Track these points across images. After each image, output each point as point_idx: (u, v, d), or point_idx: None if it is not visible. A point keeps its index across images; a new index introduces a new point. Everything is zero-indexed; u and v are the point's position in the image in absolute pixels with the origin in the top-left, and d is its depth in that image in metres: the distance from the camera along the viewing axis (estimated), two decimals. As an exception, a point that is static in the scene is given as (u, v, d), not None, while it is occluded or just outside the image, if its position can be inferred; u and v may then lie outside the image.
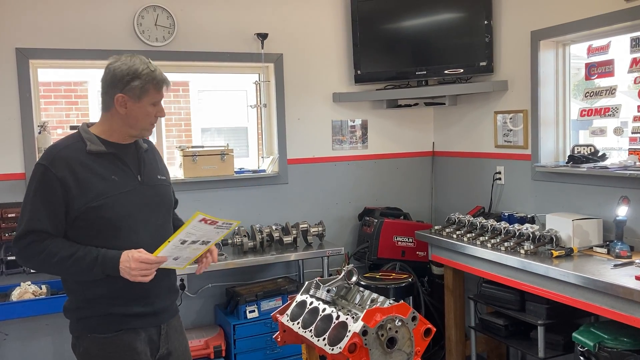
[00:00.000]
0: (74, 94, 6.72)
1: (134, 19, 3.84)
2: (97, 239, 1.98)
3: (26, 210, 1.96)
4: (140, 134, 2.12)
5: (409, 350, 2.30)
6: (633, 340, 2.68)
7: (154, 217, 2.13)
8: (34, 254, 1.94)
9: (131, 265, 1.93)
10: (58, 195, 1.94)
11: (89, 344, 2.05)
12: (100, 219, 1.98)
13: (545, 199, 3.72)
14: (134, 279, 1.94)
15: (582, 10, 3.36)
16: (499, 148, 4.10)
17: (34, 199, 1.96)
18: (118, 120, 2.04)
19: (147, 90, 2.01)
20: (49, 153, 2.01)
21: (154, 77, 2.02)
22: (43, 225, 1.94)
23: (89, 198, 1.96)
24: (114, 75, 2.00)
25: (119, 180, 2.04)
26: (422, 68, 4.27)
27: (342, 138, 4.57)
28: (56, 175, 1.94)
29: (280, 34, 4.25)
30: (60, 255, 1.93)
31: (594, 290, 2.69)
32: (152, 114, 2.07)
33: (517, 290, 3.27)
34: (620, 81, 3.38)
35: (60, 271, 2.00)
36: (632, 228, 3.14)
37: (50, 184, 1.95)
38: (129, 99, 2.00)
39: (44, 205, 1.94)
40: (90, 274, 1.96)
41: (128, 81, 1.99)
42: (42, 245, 1.93)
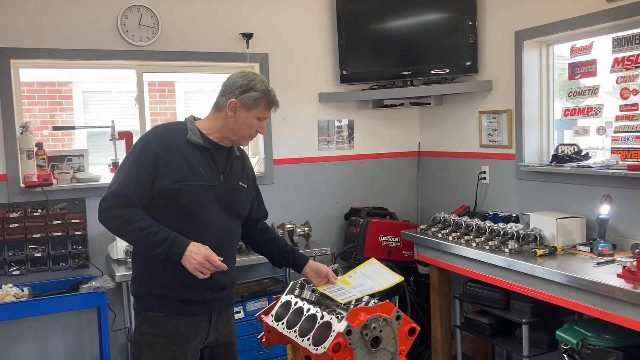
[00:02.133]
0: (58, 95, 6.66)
1: (118, 19, 3.81)
2: (170, 220, 2.13)
3: (120, 175, 2.14)
4: (237, 141, 2.29)
5: (394, 350, 2.30)
6: (615, 338, 2.71)
7: (224, 217, 2.27)
8: (115, 216, 2.09)
9: (198, 258, 2.07)
10: (149, 168, 2.12)
11: (142, 320, 2.22)
12: (177, 202, 2.14)
13: (530, 198, 3.75)
14: (192, 269, 2.08)
15: (565, 11, 3.39)
16: (484, 148, 4.12)
17: (129, 166, 2.14)
18: (223, 122, 2.23)
19: (258, 103, 2.21)
20: (153, 130, 2.23)
21: (268, 95, 2.23)
22: (130, 191, 2.10)
23: (173, 179, 2.13)
24: (234, 82, 2.22)
25: (204, 173, 2.19)
26: (408, 68, 4.28)
27: (329, 138, 4.57)
28: (154, 150, 2.13)
29: (266, 34, 4.24)
30: (137, 225, 2.07)
31: (577, 289, 2.71)
32: (255, 127, 2.25)
33: (502, 289, 3.29)
34: (604, 81, 3.41)
35: (131, 239, 2.16)
36: (614, 226, 3.17)
37: (146, 156, 2.13)
38: (240, 106, 2.20)
39: (135, 174, 2.12)
40: (155, 250, 2.09)
41: (245, 90, 2.20)
42: (125, 211, 2.08)
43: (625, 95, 3.22)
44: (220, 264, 2.11)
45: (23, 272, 3.58)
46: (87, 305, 3.56)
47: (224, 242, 2.25)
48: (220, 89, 2.27)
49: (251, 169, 2.49)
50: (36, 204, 3.66)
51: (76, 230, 3.72)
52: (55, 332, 3.82)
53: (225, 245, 2.27)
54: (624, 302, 2.49)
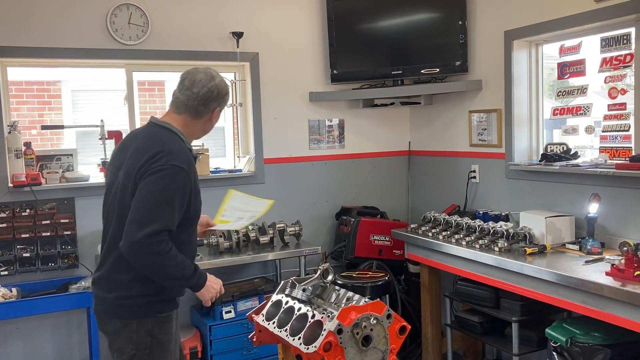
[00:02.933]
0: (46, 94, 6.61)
1: (107, 17, 3.79)
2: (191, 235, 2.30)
3: (166, 208, 2.07)
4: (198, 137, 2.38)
5: (384, 348, 2.31)
6: (603, 335, 2.73)
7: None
8: (161, 251, 2.05)
9: (217, 287, 2.32)
10: (186, 197, 2.15)
11: (151, 325, 2.23)
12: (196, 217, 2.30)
13: (519, 196, 3.77)
14: (209, 297, 2.29)
15: (553, 11, 3.41)
16: (474, 147, 4.14)
17: (173, 200, 2.09)
18: (200, 127, 2.30)
19: (226, 102, 2.34)
20: (184, 156, 2.16)
21: (229, 93, 2.36)
22: (173, 226, 2.10)
23: (199, 199, 2.26)
24: (219, 91, 2.26)
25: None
26: (398, 68, 4.29)
27: (319, 137, 4.57)
28: (191, 180, 2.16)
29: (256, 33, 4.23)
30: (176, 262, 2.11)
31: (566, 287, 2.73)
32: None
33: (492, 288, 3.30)
34: (592, 81, 3.44)
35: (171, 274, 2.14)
36: (602, 225, 3.19)
37: (186, 188, 2.13)
38: (219, 111, 2.31)
39: (178, 207, 2.11)
40: (186, 282, 2.20)
41: (224, 94, 2.29)
42: (169, 246, 2.08)
43: (614, 94, 3.24)
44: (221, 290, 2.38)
45: (11, 273, 3.55)
46: (76, 306, 3.54)
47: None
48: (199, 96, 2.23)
49: None
50: (25, 204, 3.64)
51: (65, 230, 3.70)
52: (44, 332, 3.79)
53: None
54: (613, 299, 2.51)
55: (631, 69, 3.14)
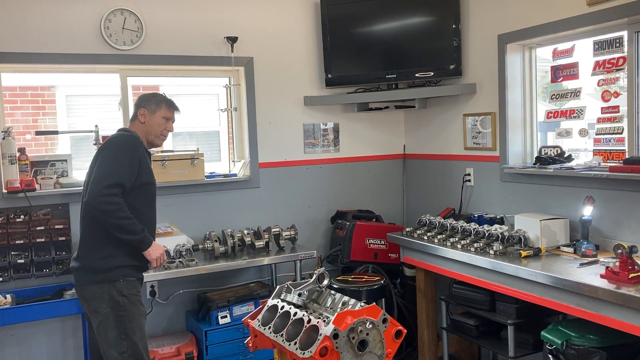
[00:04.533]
0: (41, 99, 6.59)
1: (101, 23, 3.78)
2: (143, 207, 2.83)
3: (115, 167, 2.70)
4: (152, 141, 2.98)
5: (380, 353, 2.31)
6: (599, 338, 2.73)
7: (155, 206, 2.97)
8: (113, 202, 2.64)
9: (161, 250, 2.83)
10: (136, 166, 2.74)
11: (122, 286, 2.73)
12: (150, 193, 2.87)
13: (514, 199, 3.78)
14: (155, 257, 2.80)
15: (547, 14, 3.43)
16: (468, 150, 4.15)
17: (122, 160, 2.72)
18: (141, 128, 2.94)
19: (160, 106, 2.95)
20: (133, 140, 2.83)
21: (166, 99, 3.01)
22: (125, 181, 2.69)
23: (148, 175, 2.84)
24: (141, 98, 3.00)
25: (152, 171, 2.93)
26: (392, 71, 4.30)
27: (314, 141, 4.57)
28: (138, 150, 2.79)
29: (250, 38, 4.24)
30: (125, 214, 2.67)
31: (561, 289, 2.73)
32: (163, 126, 2.97)
33: (487, 291, 3.31)
34: (585, 84, 3.45)
35: (119, 224, 2.67)
36: (597, 227, 3.21)
37: (133, 155, 2.76)
38: (147, 112, 2.93)
39: (128, 168, 2.71)
40: (132, 236, 2.71)
41: (148, 99, 2.98)
42: (120, 200, 2.66)
43: (607, 97, 3.26)
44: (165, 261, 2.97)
45: (6, 279, 3.53)
46: (71, 312, 3.52)
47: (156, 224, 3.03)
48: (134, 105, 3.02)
49: None
50: (19, 210, 3.62)
51: (60, 236, 3.68)
52: (39, 339, 3.77)
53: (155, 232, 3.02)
54: (608, 302, 2.52)
55: (624, 72, 3.16)
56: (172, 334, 3.99)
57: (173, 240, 3.69)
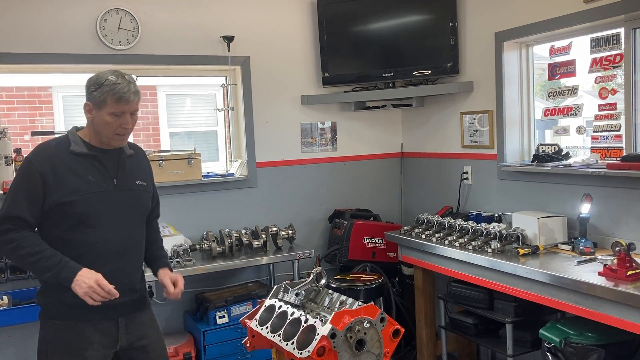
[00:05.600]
0: (37, 100, 6.59)
1: (97, 22, 3.77)
2: (67, 232, 2.18)
3: (8, 198, 2.17)
4: (107, 142, 2.25)
5: (378, 352, 2.30)
6: (597, 335, 2.73)
7: (124, 218, 2.29)
8: (6, 241, 2.13)
9: (88, 282, 2.09)
10: (37, 187, 2.14)
11: (47, 329, 2.25)
12: (70, 214, 2.17)
13: (512, 197, 3.77)
14: (82, 294, 2.08)
15: (543, 12, 3.42)
16: (466, 148, 4.14)
17: (16, 189, 2.18)
18: (90, 126, 2.25)
19: (104, 101, 2.16)
20: (36, 149, 2.24)
21: (113, 89, 2.16)
22: (22, 212, 2.13)
23: (63, 193, 2.16)
24: (86, 85, 2.23)
25: (94, 181, 2.22)
26: (389, 70, 4.29)
27: (312, 140, 4.56)
28: (38, 169, 2.15)
29: (247, 37, 4.22)
30: (27, 250, 2.12)
31: (559, 287, 2.73)
32: (115, 124, 2.20)
33: (486, 289, 3.30)
34: (583, 81, 3.45)
35: (23, 263, 2.21)
36: (595, 225, 3.20)
37: (32, 176, 2.15)
38: (93, 107, 2.20)
39: (24, 195, 2.15)
40: (45, 275, 2.13)
41: (92, 91, 2.19)
42: (16, 235, 2.12)
43: (604, 94, 3.26)
44: (111, 289, 2.12)
45: (2, 280, 3.51)
46: (68, 313, 3.51)
47: (126, 246, 2.30)
48: None
49: (148, 166, 2.49)
50: (15, 211, 3.60)
51: (57, 236, 3.66)
52: (36, 341, 3.74)
53: (128, 248, 2.31)
54: (606, 300, 2.52)
55: (621, 69, 3.15)
56: (170, 335, 3.98)
57: (170, 241, 3.68)
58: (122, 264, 2.28)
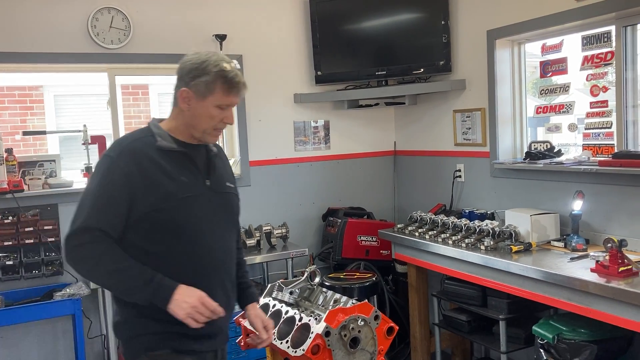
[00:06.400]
0: (29, 99, 6.55)
1: (88, 21, 3.75)
2: (159, 244, 1.82)
3: (85, 205, 1.77)
4: (202, 138, 1.92)
5: (372, 350, 2.31)
6: (590, 331, 2.75)
7: (220, 226, 1.95)
8: (86, 257, 1.75)
9: (191, 301, 1.74)
10: (123, 192, 1.77)
11: None
12: (165, 222, 1.81)
13: (504, 195, 3.79)
14: (183, 316, 1.73)
15: (535, 10, 3.43)
16: (459, 146, 4.15)
17: (96, 193, 1.78)
18: (182, 118, 1.89)
19: (213, 89, 1.83)
20: (117, 145, 1.87)
21: (225, 77, 1.83)
22: (102, 223, 1.75)
23: (156, 198, 1.79)
24: (182, 68, 1.87)
25: (187, 182, 1.87)
26: (382, 68, 4.29)
27: (305, 139, 4.56)
28: (123, 169, 1.78)
29: (239, 35, 4.22)
30: (111, 267, 1.74)
31: (552, 284, 2.74)
32: (217, 118, 1.87)
33: (479, 286, 3.31)
34: (574, 79, 3.46)
35: (107, 283, 1.85)
36: (587, 221, 3.22)
37: (115, 179, 1.78)
38: (193, 95, 1.84)
39: (106, 202, 1.77)
40: (135, 295, 1.76)
41: (194, 76, 1.83)
42: (98, 249, 1.74)
43: (595, 92, 3.27)
44: (216, 307, 1.79)
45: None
46: (61, 313, 3.50)
47: (225, 259, 1.96)
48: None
49: (230, 167, 2.17)
50: (7, 211, 3.59)
51: (49, 236, 3.65)
52: (29, 341, 3.74)
53: (227, 261, 1.98)
54: (598, 296, 2.53)
55: (612, 67, 3.17)
56: (164, 334, 3.97)
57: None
58: (221, 280, 1.94)
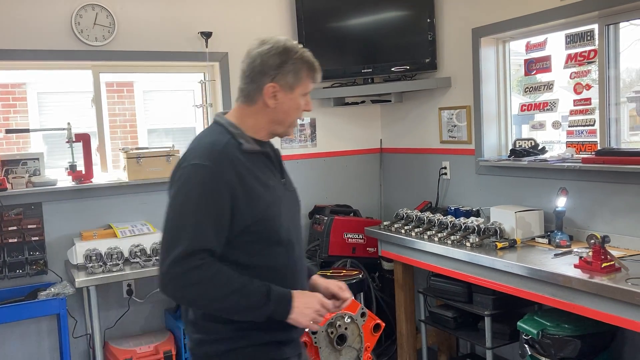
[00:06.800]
0: (11, 97, 6.47)
1: (72, 18, 3.71)
2: (258, 256, 1.67)
3: (187, 224, 1.57)
4: (285, 132, 1.81)
5: (359, 347, 2.32)
6: (573, 327, 2.78)
7: (299, 229, 1.84)
8: (198, 281, 1.55)
9: (313, 306, 1.65)
10: (226, 205, 1.59)
11: None
12: (265, 234, 1.67)
13: (490, 192, 3.82)
14: (307, 322, 1.64)
15: (519, 8, 3.46)
16: (444, 143, 4.17)
17: (198, 209, 1.57)
18: (264, 115, 1.74)
19: (301, 77, 1.74)
20: (207, 151, 1.64)
21: (308, 62, 1.76)
22: (210, 243, 1.57)
23: (255, 209, 1.63)
24: (263, 63, 1.72)
25: (274, 186, 1.74)
26: (368, 66, 4.30)
27: (291, 137, 4.55)
28: (224, 179, 1.59)
29: (225, 33, 4.20)
30: (225, 290, 1.56)
31: (537, 280, 2.77)
32: (302, 108, 1.79)
33: (465, 283, 3.34)
34: (559, 76, 3.49)
35: (220, 307, 1.61)
36: (570, 218, 3.25)
37: (217, 190, 1.58)
38: (280, 90, 1.72)
39: (212, 218, 1.58)
40: (256, 313, 1.61)
41: (280, 65, 1.71)
42: (207, 273, 1.55)
43: (579, 90, 3.31)
44: (331, 305, 1.73)
45: (-22, 281, 3.47)
46: (46, 313, 3.47)
47: (304, 262, 1.86)
48: (244, 73, 1.78)
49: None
50: (-10, 210, 3.55)
51: (33, 236, 3.61)
52: (13, 341, 3.70)
53: (304, 264, 1.86)
54: (581, 291, 2.56)
55: (595, 65, 3.20)
56: (150, 333, 3.95)
57: (150, 239, 3.66)
58: (304, 284, 1.84)
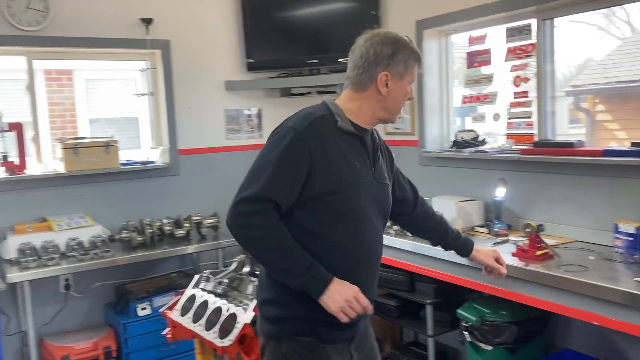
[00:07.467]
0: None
1: (2, 1, 3.53)
2: (325, 227, 1.76)
3: (263, 173, 1.71)
4: (390, 119, 1.92)
5: (301, 338, 2.31)
6: (511, 313, 2.86)
7: (376, 217, 1.89)
8: (254, 226, 1.68)
9: (345, 295, 1.70)
10: (303, 168, 1.71)
11: (288, 347, 1.80)
12: (334, 206, 1.76)
13: (432, 182, 3.87)
14: (335, 309, 1.70)
15: (462, 1, 3.50)
16: (389, 135, 4.20)
17: (276, 164, 1.70)
18: (373, 102, 1.85)
19: (410, 66, 1.87)
20: (303, 118, 1.77)
21: (415, 52, 1.89)
22: (277, 195, 1.69)
23: (331, 180, 1.74)
24: (377, 53, 1.85)
25: (359, 168, 1.81)
26: (314, 57, 4.28)
27: (237, 127, 4.50)
28: (308, 145, 1.71)
29: (167, 19, 4.09)
30: (275, 244, 1.69)
31: (476, 269, 2.81)
32: (407, 95, 1.90)
33: (407, 272, 3.37)
34: (501, 69, 3.56)
35: (265, 258, 1.75)
36: (509, 207, 3.34)
37: (298, 153, 1.71)
38: (392, 78, 1.84)
39: (286, 174, 1.70)
40: (291, 279, 1.72)
41: (391, 54, 1.85)
42: (267, 222, 1.69)
43: (518, 83, 3.38)
44: (367, 305, 1.76)
45: None
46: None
47: (378, 252, 1.92)
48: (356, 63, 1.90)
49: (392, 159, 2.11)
50: None
51: (-38, 229, 3.45)
52: None
53: (379, 255, 1.94)
54: (518, 279, 2.63)
55: (533, 58, 3.28)
56: (89, 328, 3.84)
57: (88, 232, 3.55)
58: (373, 275, 1.92)
